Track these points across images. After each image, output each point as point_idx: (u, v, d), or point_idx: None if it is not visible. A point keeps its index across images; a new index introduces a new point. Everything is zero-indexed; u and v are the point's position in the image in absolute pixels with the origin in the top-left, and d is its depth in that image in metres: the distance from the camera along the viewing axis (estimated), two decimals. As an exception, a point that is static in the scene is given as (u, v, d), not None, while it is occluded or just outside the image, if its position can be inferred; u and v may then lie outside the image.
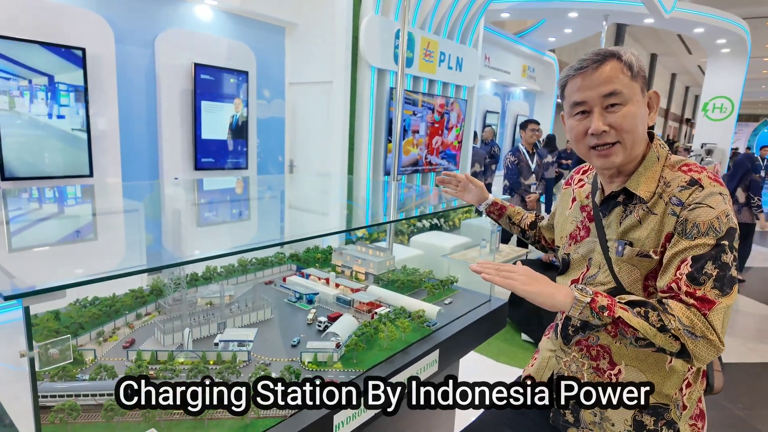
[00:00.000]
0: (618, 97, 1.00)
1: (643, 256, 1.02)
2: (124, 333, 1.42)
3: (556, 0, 6.34)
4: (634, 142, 1.03)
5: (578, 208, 1.22)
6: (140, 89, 3.80)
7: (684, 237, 0.95)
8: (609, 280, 1.08)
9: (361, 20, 4.41)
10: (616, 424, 1.09)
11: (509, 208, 1.57)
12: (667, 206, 1.00)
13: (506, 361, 3.33)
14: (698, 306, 0.90)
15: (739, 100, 9.41)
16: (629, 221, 1.05)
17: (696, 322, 0.89)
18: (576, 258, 1.20)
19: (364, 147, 4.75)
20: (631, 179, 1.06)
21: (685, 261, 0.93)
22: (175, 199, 2.90)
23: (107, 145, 3.52)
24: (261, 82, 4.67)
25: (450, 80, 5.62)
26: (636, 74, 1.01)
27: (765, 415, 2.90)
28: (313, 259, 2.19)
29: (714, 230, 0.93)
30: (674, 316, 0.90)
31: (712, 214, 0.93)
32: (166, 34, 3.80)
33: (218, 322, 1.47)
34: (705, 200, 0.95)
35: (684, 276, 0.93)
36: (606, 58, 1.01)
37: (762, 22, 11.90)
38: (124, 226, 2.08)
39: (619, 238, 1.06)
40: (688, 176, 1.00)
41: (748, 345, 3.96)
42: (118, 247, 1.57)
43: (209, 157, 4.21)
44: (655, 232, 1.01)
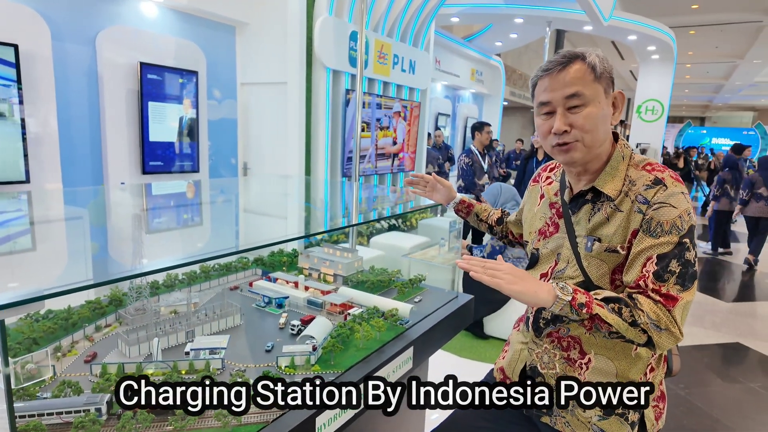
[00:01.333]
0: (579, 98, 1.05)
1: (611, 251, 1.08)
2: (84, 346, 1.33)
3: (502, 6, 6.58)
4: (595, 141, 1.08)
5: (547, 205, 1.27)
6: (81, 89, 3.57)
7: (649, 235, 1.01)
8: (577, 274, 1.14)
9: (315, 21, 4.37)
10: (586, 410, 1.15)
11: (476, 205, 1.61)
12: (633, 204, 1.05)
13: (469, 356, 3.41)
14: (663, 302, 0.98)
15: (668, 102, 10.16)
16: (597, 218, 1.11)
17: (661, 317, 0.97)
18: (545, 253, 1.25)
19: (321, 148, 4.71)
20: (598, 178, 1.11)
21: (651, 259, 1.00)
22: (122, 205, 2.75)
23: (45, 148, 3.29)
24: (211, 82, 4.53)
25: (404, 83, 5.68)
26: (600, 76, 1.06)
27: (701, 393, 3.15)
28: (279, 263, 2.15)
29: (677, 228, 0.99)
30: (643, 311, 0.97)
31: (675, 213, 1.00)
32: (109, 31, 3.60)
33: (186, 331, 1.41)
34: (668, 199, 1.01)
35: (650, 274, 1.00)
36: (571, 60, 1.06)
37: (685, 31, 12.91)
38: (66, 235, 1.95)
39: (588, 235, 1.11)
40: (652, 175, 1.05)
41: (684, 329, 4.28)
42: (61, 257, 1.47)
43: (158, 160, 4.03)
44: (622, 229, 1.06)
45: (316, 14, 4.40)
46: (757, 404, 3.06)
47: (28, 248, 1.62)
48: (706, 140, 25.44)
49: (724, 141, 23.65)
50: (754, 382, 3.35)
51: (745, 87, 20.38)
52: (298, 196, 3.37)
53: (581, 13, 6.15)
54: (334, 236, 4.64)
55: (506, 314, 3.66)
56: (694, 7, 11.02)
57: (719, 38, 13.61)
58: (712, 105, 28.01)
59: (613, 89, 1.10)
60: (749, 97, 24.00)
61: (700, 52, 15.67)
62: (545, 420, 1.22)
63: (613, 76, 1.08)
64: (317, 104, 4.60)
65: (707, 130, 26.80)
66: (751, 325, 4.45)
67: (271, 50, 4.53)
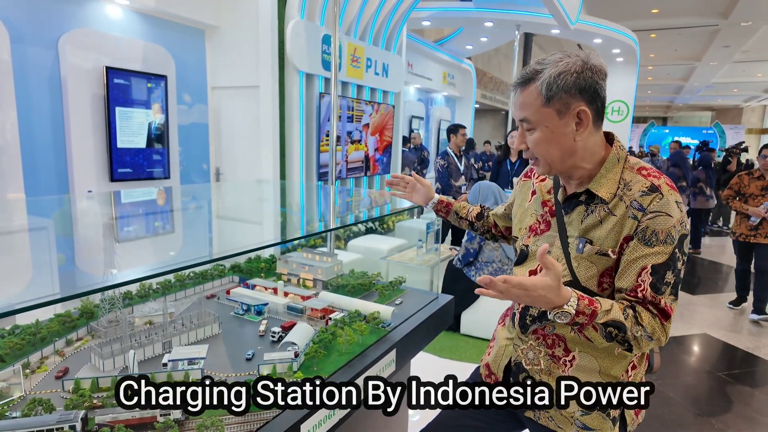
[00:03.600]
0: (528, 123, 1.08)
1: (601, 254, 1.08)
2: (55, 362, 1.27)
3: (472, 9, 6.68)
4: (552, 161, 1.09)
5: (539, 202, 1.26)
6: (43, 95, 3.44)
7: (644, 243, 1.03)
8: (566, 274, 1.14)
9: (287, 24, 4.34)
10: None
11: (455, 203, 1.62)
12: (627, 209, 1.05)
13: (450, 356, 3.43)
14: (660, 317, 1.02)
15: (633, 103, 10.50)
16: (590, 220, 1.11)
17: (656, 330, 1.02)
18: (535, 250, 1.24)
19: (296, 152, 4.67)
20: (593, 181, 1.10)
21: (646, 269, 1.02)
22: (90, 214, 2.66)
23: (5, 157, 3.15)
24: (181, 86, 4.43)
25: (377, 86, 5.70)
26: (552, 97, 1.03)
27: (673, 383, 3.26)
28: (256, 270, 2.11)
29: (671, 238, 1.01)
30: (642, 326, 1.01)
31: (671, 222, 1.01)
32: (72, 34, 3.48)
33: (162, 342, 1.37)
34: (664, 208, 1.02)
35: (647, 285, 1.03)
36: (527, 82, 1.07)
37: (646, 34, 13.39)
38: (30, 246, 1.87)
39: (580, 236, 1.12)
40: (648, 181, 1.05)
41: (654, 322, 4.42)
42: (25, 270, 1.41)
43: (126, 167, 3.91)
44: (614, 233, 1.07)
45: (287, 17, 4.37)
46: (723, 391, 3.18)
47: None
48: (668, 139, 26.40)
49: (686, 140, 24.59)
50: (720, 370, 3.48)
51: (703, 88, 21.28)
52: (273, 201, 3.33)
53: (549, 17, 6.31)
54: (312, 240, 4.60)
55: (480, 312, 3.70)
56: (654, 12, 11.44)
57: (678, 41, 14.17)
58: (674, 105, 29.12)
59: (590, 100, 1.04)
60: (707, 98, 25.06)
61: (661, 55, 16.27)
62: (529, 414, 1.24)
63: (587, 85, 1.03)
64: (291, 108, 4.56)
65: (669, 129, 27.81)
66: (716, 316, 4.63)
67: (242, 54, 4.47)
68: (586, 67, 1.03)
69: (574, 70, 1.02)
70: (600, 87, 1.05)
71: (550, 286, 0.95)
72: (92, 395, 1.06)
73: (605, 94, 1.08)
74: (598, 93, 1.05)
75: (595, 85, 1.04)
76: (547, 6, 5.55)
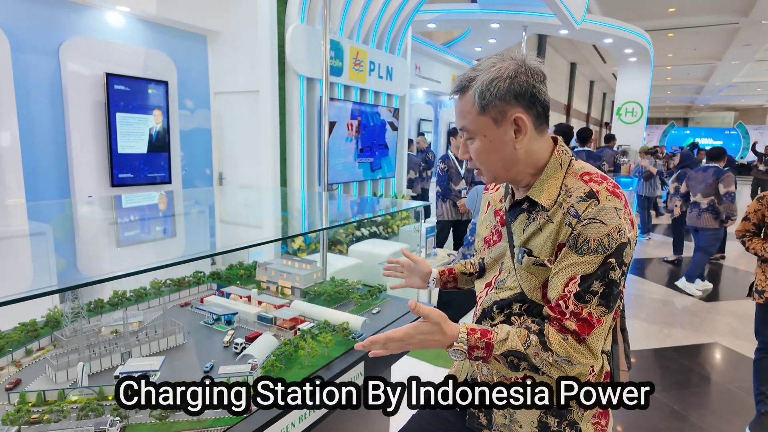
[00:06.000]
0: (467, 133, 1.05)
1: (539, 264, 1.03)
2: (10, 373, 1.26)
3: (477, 11, 6.60)
4: (493, 170, 1.06)
5: (492, 213, 1.23)
6: (44, 102, 3.49)
7: (575, 251, 0.96)
8: (515, 286, 1.10)
9: (287, 29, 4.33)
10: (523, 425, 1.11)
11: (457, 266, 1.45)
12: (564, 216, 0.99)
13: (445, 365, 3.36)
14: (578, 331, 0.95)
15: (647, 104, 10.26)
16: (531, 228, 1.06)
17: (572, 353, 0.95)
18: (489, 262, 1.21)
19: (297, 158, 4.66)
20: (533, 187, 1.05)
21: (574, 279, 0.96)
22: (88, 219, 2.68)
23: (6, 163, 3.20)
24: (183, 92, 4.46)
25: (381, 89, 5.66)
26: (485, 107, 0.99)
27: (679, 395, 3.13)
28: (236, 277, 2.09)
29: (603, 247, 0.94)
30: (552, 351, 0.96)
31: (603, 230, 0.94)
32: (73, 42, 3.53)
33: (122, 352, 1.35)
34: (598, 215, 0.94)
35: (572, 295, 0.96)
36: (462, 90, 1.03)
37: (663, 34, 13.10)
38: (30, 251, 1.88)
39: (521, 246, 1.07)
40: (587, 187, 0.99)
41: (664, 331, 4.27)
42: (24, 274, 1.41)
43: (127, 172, 3.95)
44: (551, 241, 1.01)
45: (287, 22, 4.36)
46: (732, 404, 3.04)
47: None
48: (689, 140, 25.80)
49: (707, 141, 24.00)
50: (730, 382, 3.34)
51: (725, 87, 20.72)
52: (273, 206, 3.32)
53: (554, 17, 6.18)
54: (312, 245, 4.58)
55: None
56: (671, 11, 11.19)
57: (697, 40, 13.82)
58: (694, 106, 28.45)
59: (527, 105, 0.99)
60: (729, 98, 24.41)
61: (679, 54, 15.90)
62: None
63: (523, 90, 0.97)
64: (291, 112, 4.56)
65: (690, 130, 27.18)
66: (730, 325, 4.45)
67: (243, 59, 4.49)
68: (521, 71, 0.98)
69: (507, 75, 0.97)
70: (538, 90, 0.99)
71: (429, 330, 0.94)
72: (31, 410, 1.04)
73: (546, 98, 1.01)
74: (536, 97, 0.99)
75: (532, 89, 0.98)
76: (549, 6, 5.44)
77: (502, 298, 1.12)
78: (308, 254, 4.46)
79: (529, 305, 1.07)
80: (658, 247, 7.86)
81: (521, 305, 1.09)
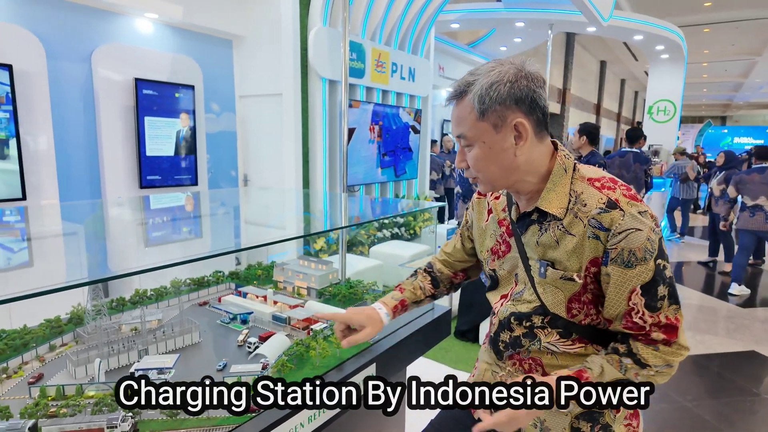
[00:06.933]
0: (465, 140, 1.01)
1: (566, 279, 1.01)
2: (34, 367, 1.31)
3: (501, 10, 6.51)
4: (493, 178, 1.02)
5: (496, 222, 1.19)
6: (77, 106, 3.63)
7: (624, 266, 0.94)
8: (534, 299, 1.07)
9: (309, 32, 4.38)
10: (553, 430, 1.08)
11: (405, 292, 1.38)
12: (586, 228, 0.97)
13: (465, 368, 3.32)
14: (667, 338, 0.96)
15: (680, 102, 9.91)
16: (546, 240, 1.03)
17: (668, 358, 0.97)
18: (503, 274, 1.18)
19: (319, 160, 4.70)
20: (541, 197, 1.02)
21: (635, 291, 0.95)
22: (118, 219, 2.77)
23: (41, 165, 3.34)
24: (209, 95, 4.56)
25: (403, 90, 5.65)
26: (486, 110, 0.96)
27: (710, 405, 3.00)
28: (254, 276, 2.12)
29: (648, 252, 0.94)
30: (650, 366, 0.97)
31: (642, 236, 0.93)
32: (103, 49, 3.66)
33: (140, 350, 1.38)
34: (632, 224, 0.94)
35: (642, 308, 0.96)
36: (460, 95, 1.00)
37: (699, 29, 12.64)
38: (63, 249, 1.95)
39: (540, 259, 1.04)
40: (603, 196, 0.97)
41: (696, 337, 4.11)
42: (57, 272, 1.46)
43: (155, 174, 4.06)
44: (575, 256, 0.99)
45: (310, 25, 4.41)
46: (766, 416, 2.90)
47: (25, 264, 1.62)
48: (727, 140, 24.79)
49: (746, 140, 23.01)
50: (767, 393, 3.18)
51: (766, 84, 19.82)
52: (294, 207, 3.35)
53: (580, 14, 6.03)
54: (333, 246, 4.61)
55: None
56: (707, 5, 10.78)
57: (735, 35, 13.28)
58: (733, 104, 27.31)
59: (528, 110, 0.97)
60: (771, 95, 23.33)
61: (715, 51, 15.30)
62: None
63: (523, 94, 0.95)
64: (314, 115, 4.60)
65: (728, 129, 26.12)
66: None
67: (267, 62, 4.56)
68: (521, 75, 0.95)
69: (507, 79, 0.95)
70: (538, 96, 0.97)
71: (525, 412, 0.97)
72: (50, 404, 1.08)
73: (546, 104, 0.99)
74: (536, 102, 0.97)
75: (533, 93, 0.96)
76: (575, 3, 5.31)
77: (520, 310, 1.10)
78: (329, 255, 4.48)
79: (551, 317, 1.06)
80: (692, 249, 7.58)
81: (543, 318, 1.07)
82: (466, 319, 3.77)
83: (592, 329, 1.06)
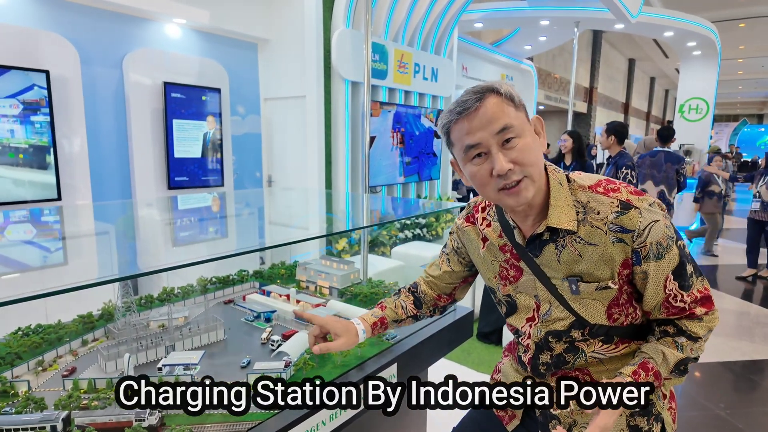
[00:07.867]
0: (511, 131, 0.93)
1: (602, 289, 1.01)
2: (68, 361, 1.36)
3: (525, 8, 6.42)
4: (539, 174, 0.99)
5: (497, 249, 1.15)
6: (109, 110, 3.76)
7: (657, 259, 0.97)
8: (566, 315, 1.06)
9: (332, 34, 4.42)
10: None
11: (386, 310, 1.34)
12: (608, 235, 0.97)
13: (487, 371, 3.29)
14: (707, 309, 1.01)
15: (713, 100, 9.58)
16: (567, 256, 1.01)
17: (710, 325, 1.02)
18: (522, 298, 1.15)
19: (342, 161, 4.73)
20: (550, 216, 1.00)
21: (668, 278, 0.98)
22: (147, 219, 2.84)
23: (75, 167, 3.47)
24: (235, 98, 4.65)
25: (426, 91, 5.64)
26: (518, 105, 0.96)
27: (745, 414, 2.89)
28: (278, 276, 2.15)
29: (670, 238, 0.98)
30: (700, 337, 1.02)
31: (662, 226, 0.97)
32: (135, 54, 3.78)
33: (167, 346, 1.42)
34: (650, 218, 0.96)
35: (678, 292, 0.99)
36: (485, 94, 0.94)
37: (734, 24, 12.20)
38: (95, 248, 2.02)
39: (567, 276, 1.03)
40: (614, 199, 0.98)
41: (729, 343, 3.96)
42: (90, 270, 1.52)
43: (183, 175, 4.16)
44: (605, 264, 0.99)
45: (333, 27, 4.45)
46: (809, 428, 2.77)
47: (60, 262, 1.69)
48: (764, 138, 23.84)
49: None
50: (808, 403, 3.04)
51: (806, 80, 18.99)
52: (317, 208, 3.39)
53: (607, 11, 5.89)
54: (355, 247, 4.64)
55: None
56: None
57: (773, 30, 12.76)
58: (770, 101, 26.25)
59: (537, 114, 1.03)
60: (812, 91, 22.34)
61: (752, 46, 14.74)
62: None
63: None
64: (337, 117, 4.64)
65: (765, 128, 25.11)
66: (807, 340, 4.07)
67: (290, 65, 4.62)
68: None
69: None
70: None
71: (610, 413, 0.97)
72: (82, 396, 1.11)
73: None
74: None
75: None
76: (602, 0, 5.20)
77: (555, 329, 1.09)
78: (351, 255, 4.51)
79: (590, 328, 1.05)
80: (726, 253, 7.32)
81: (582, 331, 1.06)
82: (489, 320, 3.73)
83: (633, 327, 1.06)
